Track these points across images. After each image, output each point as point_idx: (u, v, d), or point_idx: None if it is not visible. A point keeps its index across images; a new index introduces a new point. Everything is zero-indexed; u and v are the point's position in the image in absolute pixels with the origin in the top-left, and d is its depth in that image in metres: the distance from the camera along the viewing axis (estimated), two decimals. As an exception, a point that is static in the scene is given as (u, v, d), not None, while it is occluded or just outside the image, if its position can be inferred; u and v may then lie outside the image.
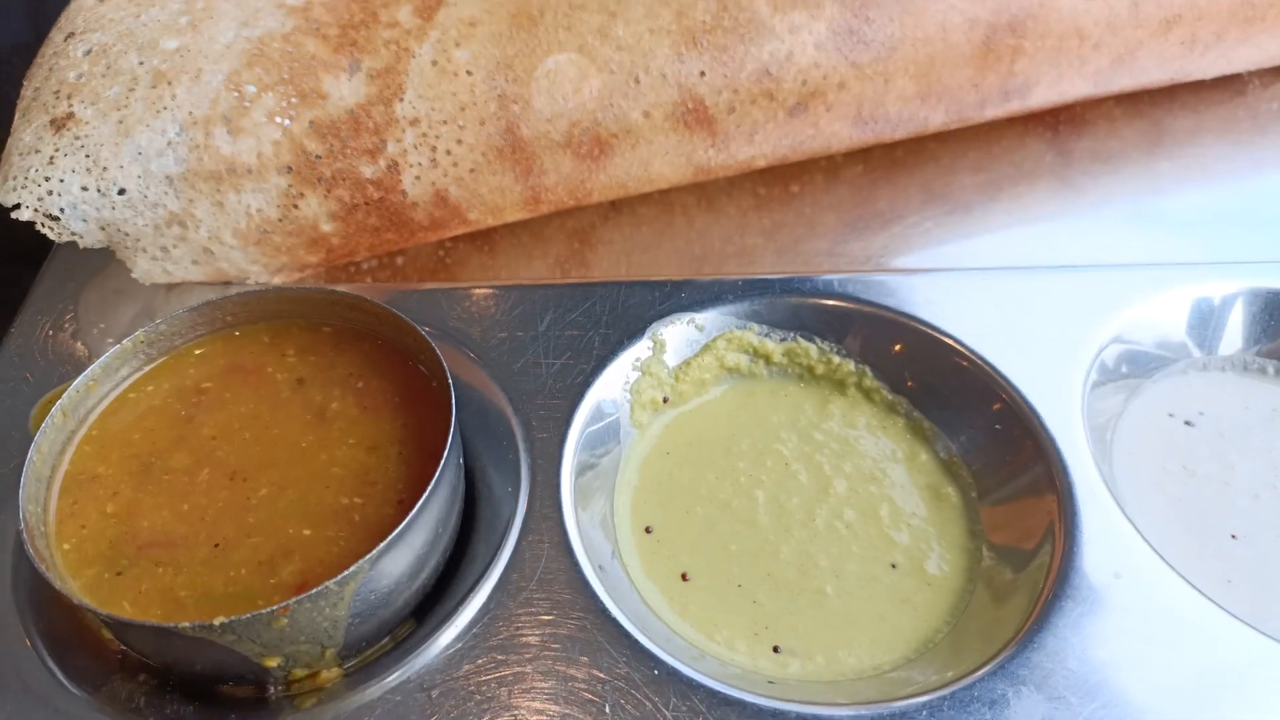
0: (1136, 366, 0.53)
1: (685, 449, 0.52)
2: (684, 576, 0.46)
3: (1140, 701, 0.38)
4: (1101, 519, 0.44)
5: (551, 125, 0.57)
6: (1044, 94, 0.67)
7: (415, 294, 0.55)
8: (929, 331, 0.52)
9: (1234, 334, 0.54)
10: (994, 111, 0.67)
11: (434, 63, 0.55)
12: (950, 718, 0.38)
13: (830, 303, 0.54)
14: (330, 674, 0.42)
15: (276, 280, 0.57)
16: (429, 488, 0.40)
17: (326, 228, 0.55)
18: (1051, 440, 0.47)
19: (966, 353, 0.51)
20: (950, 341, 0.51)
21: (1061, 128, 0.73)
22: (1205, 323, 0.54)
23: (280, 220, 0.54)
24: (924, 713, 0.38)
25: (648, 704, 0.38)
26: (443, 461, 0.41)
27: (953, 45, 0.61)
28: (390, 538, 0.39)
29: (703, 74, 0.58)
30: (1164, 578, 0.42)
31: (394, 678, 0.40)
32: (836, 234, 0.68)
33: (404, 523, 0.39)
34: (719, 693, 0.39)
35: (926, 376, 0.52)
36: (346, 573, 0.38)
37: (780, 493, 0.49)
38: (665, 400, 0.53)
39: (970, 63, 0.63)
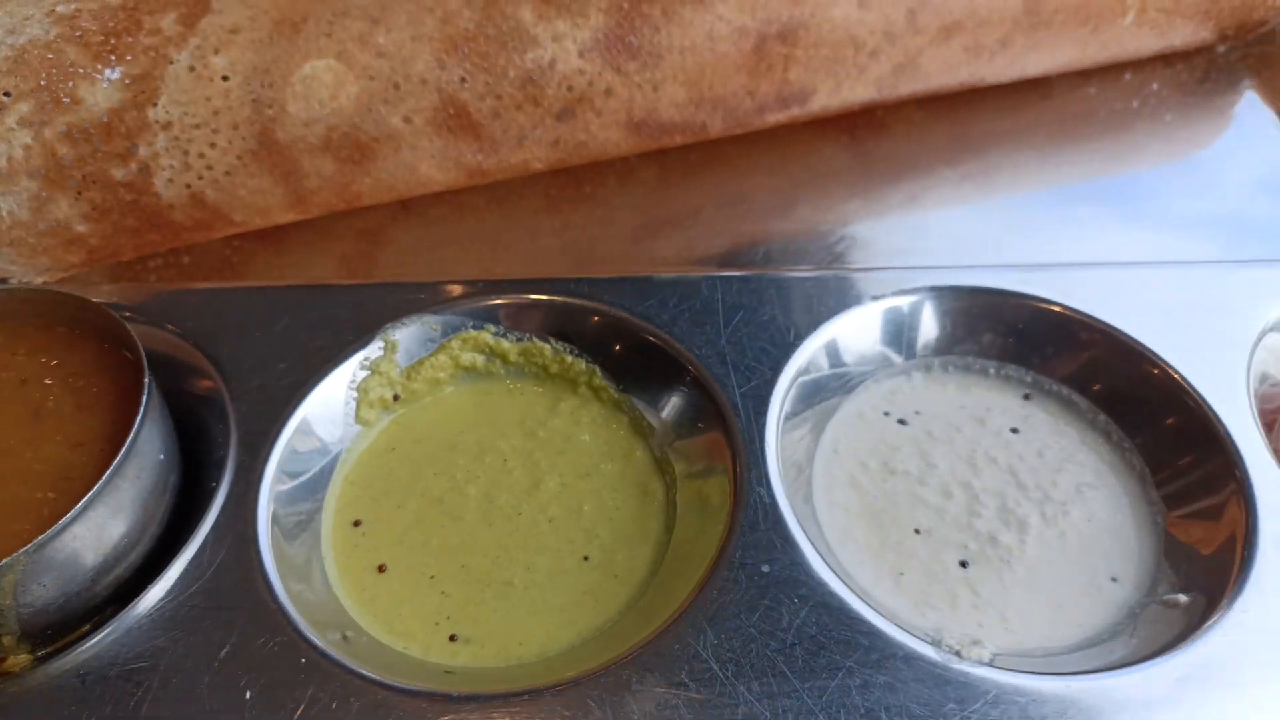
0: (845, 369, 0.56)
1: (411, 445, 0.54)
2: (381, 568, 0.49)
3: (737, 687, 0.41)
4: (767, 512, 0.47)
5: (309, 130, 0.59)
6: (825, 100, 0.69)
7: (163, 294, 0.57)
8: (641, 325, 0.54)
9: (946, 336, 0.57)
10: (775, 117, 0.69)
11: (191, 69, 0.58)
12: (568, 701, 0.41)
13: (561, 301, 0.56)
14: (19, 659, 0.45)
15: (39, 280, 0.60)
16: (97, 485, 0.43)
17: (81, 229, 0.58)
18: (739, 434, 0.49)
19: (674, 346, 0.53)
20: (664, 340, 0.54)
21: (859, 132, 0.76)
22: (904, 327, 0.56)
23: (32, 222, 0.57)
24: (548, 695, 0.41)
25: (295, 691, 0.41)
26: (118, 458, 0.44)
27: (722, 54, 0.64)
28: (47, 533, 0.41)
29: (464, 80, 0.60)
30: (815, 571, 0.45)
31: (62, 664, 0.43)
32: (629, 235, 0.70)
33: (65, 519, 0.42)
34: (362, 676, 0.41)
35: (644, 374, 0.55)
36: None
37: (493, 488, 0.52)
38: (396, 398, 0.55)
39: (742, 71, 0.65)
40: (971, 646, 0.43)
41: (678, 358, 0.54)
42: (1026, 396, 0.56)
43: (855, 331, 0.55)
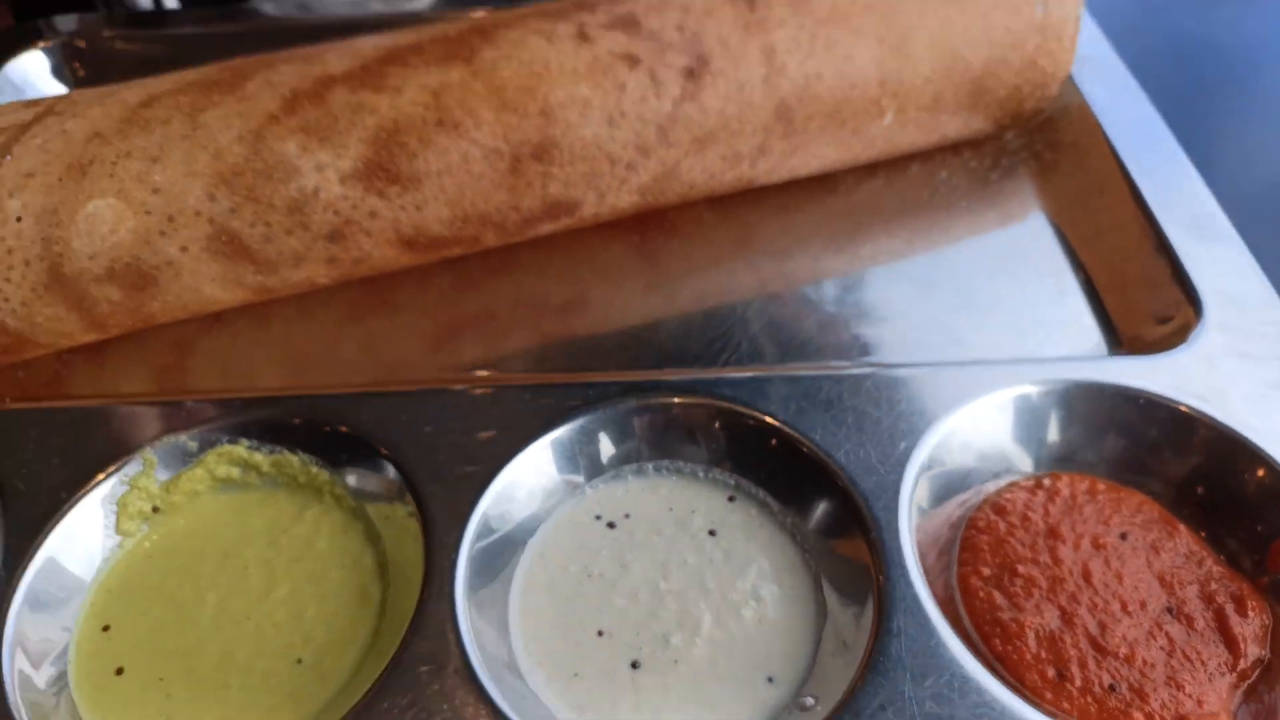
0: (574, 474, 0.61)
1: (166, 554, 0.60)
2: (119, 671, 0.55)
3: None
4: (439, 621, 0.52)
5: (93, 262, 0.66)
6: (594, 209, 0.75)
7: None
8: (370, 439, 0.60)
9: (662, 440, 0.62)
10: (549, 227, 0.75)
11: (-14, 212, 0.65)
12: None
13: (306, 417, 0.62)
14: None
15: None
16: None
17: (-109, 358, 0.65)
18: (435, 546, 0.55)
19: (397, 458, 0.59)
20: (390, 452, 0.60)
21: (649, 232, 0.81)
22: (622, 433, 0.61)
23: None
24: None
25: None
26: None
27: (478, 175, 0.70)
28: None
29: (233, 210, 0.67)
30: (474, 673, 0.50)
31: None
32: (431, 340, 0.77)
33: None
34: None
35: (379, 484, 0.61)
36: None
37: (229, 594, 0.58)
38: (156, 510, 0.61)
39: (502, 189, 0.71)
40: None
41: (402, 471, 0.59)
42: (731, 499, 0.61)
43: (568, 441, 0.61)
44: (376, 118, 0.68)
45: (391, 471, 0.60)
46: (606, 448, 0.62)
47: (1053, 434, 0.62)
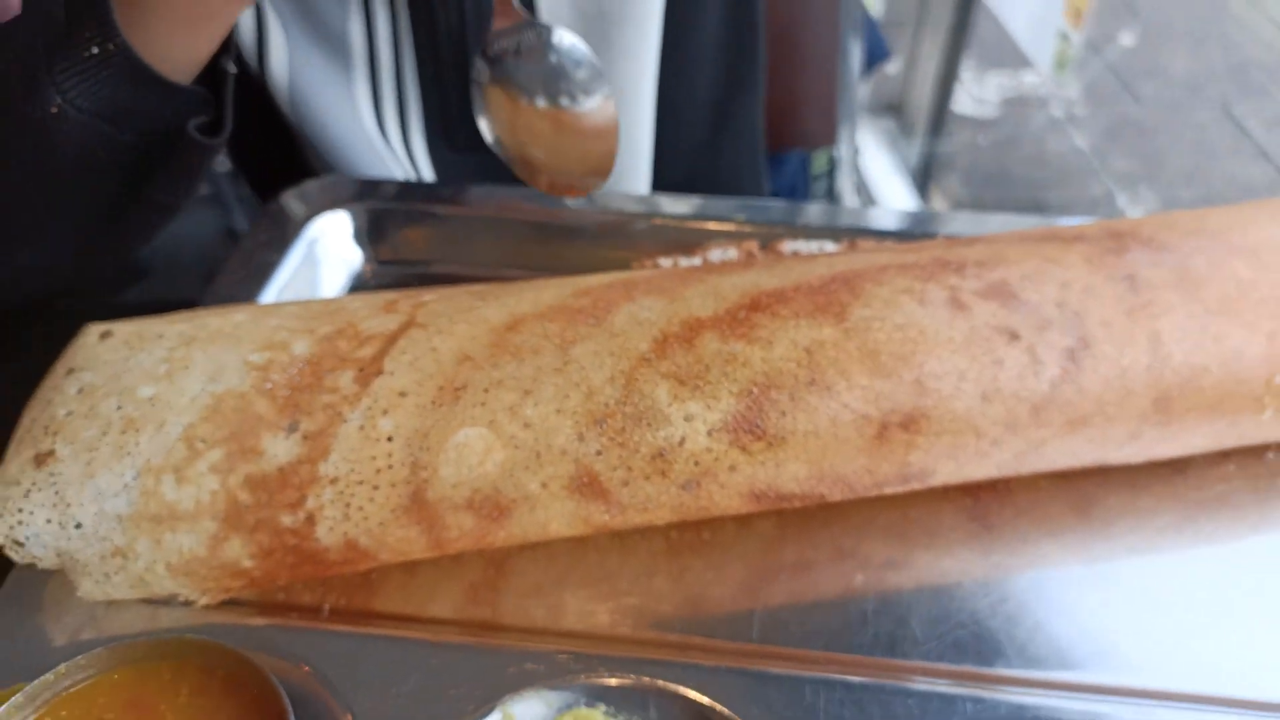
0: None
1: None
2: None
3: None
4: None
5: (455, 491, 0.69)
6: (945, 479, 0.76)
7: (307, 634, 0.68)
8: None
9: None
10: (894, 490, 0.76)
11: (361, 428, 0.69)
12: None
13: (671, 690, 0.63)
14: None
15: (203, 600, 0.71)
16: None
17: (247, 564, 0.69)
18: None
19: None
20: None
21: (983, 495, 0.82)
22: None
23: (207, 558, 0.68)
24: None
25: None
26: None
27: (844, 439, 0.72)
28: None
29: (599, 453, 0.70)
30: None
31: None
32: (741, 582, 0.78)
33: None
34: None
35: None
36: None
37: None
38: (506, 771, 0.63)
39: (863, 454, 0.73)
40: None
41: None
42: None
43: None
44: (748, 371, 0.71)
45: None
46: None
47: None
